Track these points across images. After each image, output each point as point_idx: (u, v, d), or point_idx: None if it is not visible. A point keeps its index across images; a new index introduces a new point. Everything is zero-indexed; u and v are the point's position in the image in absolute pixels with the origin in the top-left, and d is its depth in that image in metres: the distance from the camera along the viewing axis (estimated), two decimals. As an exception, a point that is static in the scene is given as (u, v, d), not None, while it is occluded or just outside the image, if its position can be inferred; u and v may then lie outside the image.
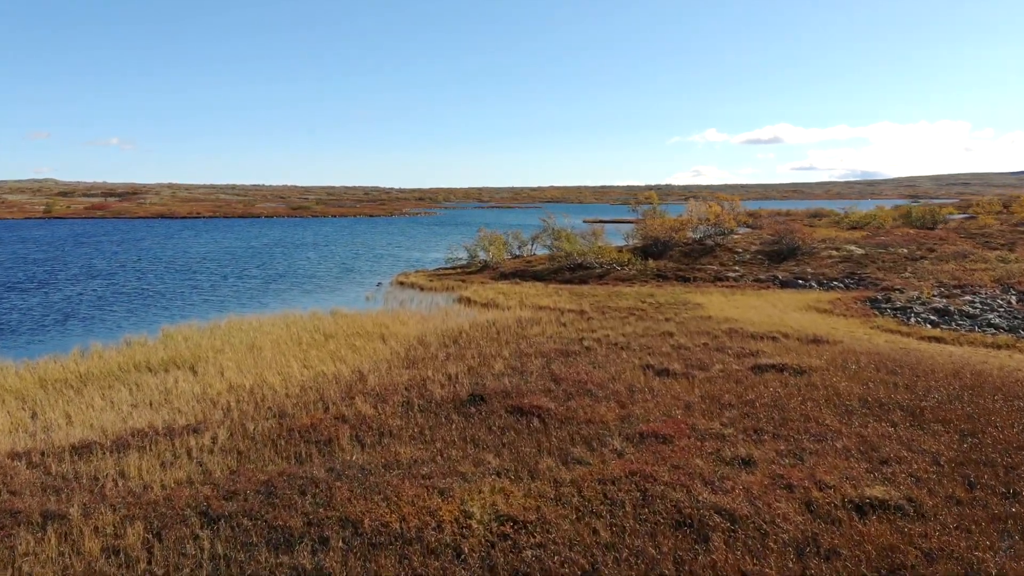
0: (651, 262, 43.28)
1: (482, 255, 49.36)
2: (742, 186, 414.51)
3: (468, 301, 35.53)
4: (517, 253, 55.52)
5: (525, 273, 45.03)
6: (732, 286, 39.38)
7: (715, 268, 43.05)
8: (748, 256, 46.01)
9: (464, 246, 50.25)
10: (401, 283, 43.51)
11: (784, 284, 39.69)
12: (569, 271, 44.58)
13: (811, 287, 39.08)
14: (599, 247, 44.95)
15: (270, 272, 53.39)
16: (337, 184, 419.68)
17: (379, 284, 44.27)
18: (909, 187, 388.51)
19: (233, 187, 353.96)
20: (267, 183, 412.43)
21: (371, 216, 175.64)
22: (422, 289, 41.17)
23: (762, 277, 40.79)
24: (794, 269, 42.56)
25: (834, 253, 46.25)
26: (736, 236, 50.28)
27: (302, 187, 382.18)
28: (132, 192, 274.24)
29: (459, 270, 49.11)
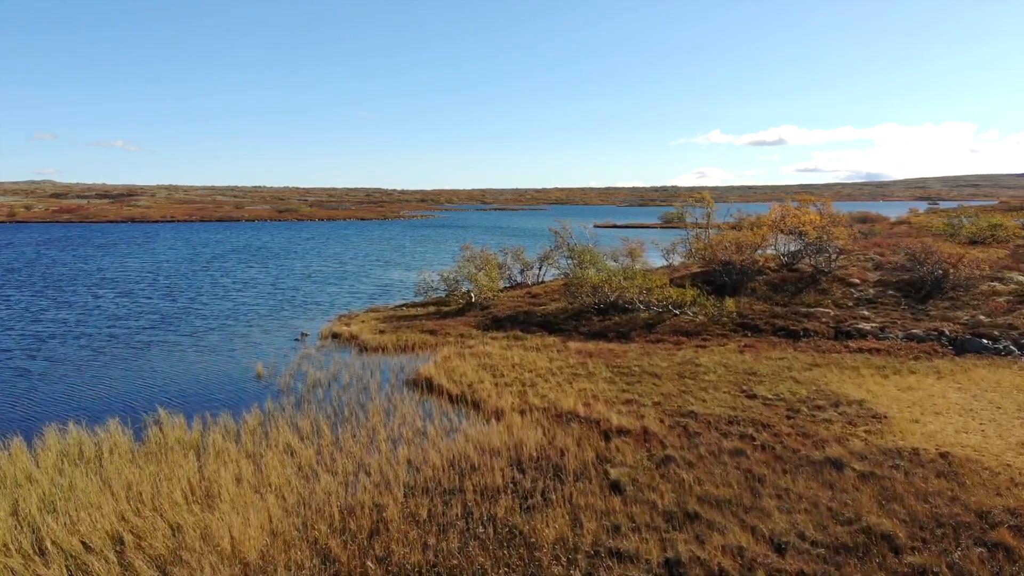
0: (728, 302, 27.51)
1: (466, 286, 33.59)
2: (748, 187, 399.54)
3: (428, 386, 19.90)
4: (518, 279, 39.81)
5: (530, 317, 29.33)
6: (876, 349, 23.57)
7: (832, 312, 27.28)
8: (871, 291, 30.19)
9: (441, 275, 34.35)
10: (336, 335, 27.85)
11: (961, 347, 23.89)
12: (598, 314, 28.90)
13: (1011, 352, 23.28)
14: (645, 276, 29.14)
15: (171, 309, 37.89)
16: (339, 186, 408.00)
17: (303, 336, 28.61)
18: (919, 188, 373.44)
19: (232, 188, 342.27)
20: (268, 185, 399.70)
21: (363, 219, 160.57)
22: (364, 349, 25.48)
23: (918, 333, 24.97)
24: (957, 316, 26.79)
25: (999, 287, 30.45)
26: (840, 259, 34.09)
27: (303, 188, 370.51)
28: (128, 193, 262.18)
29: (433, 308, 33.44)
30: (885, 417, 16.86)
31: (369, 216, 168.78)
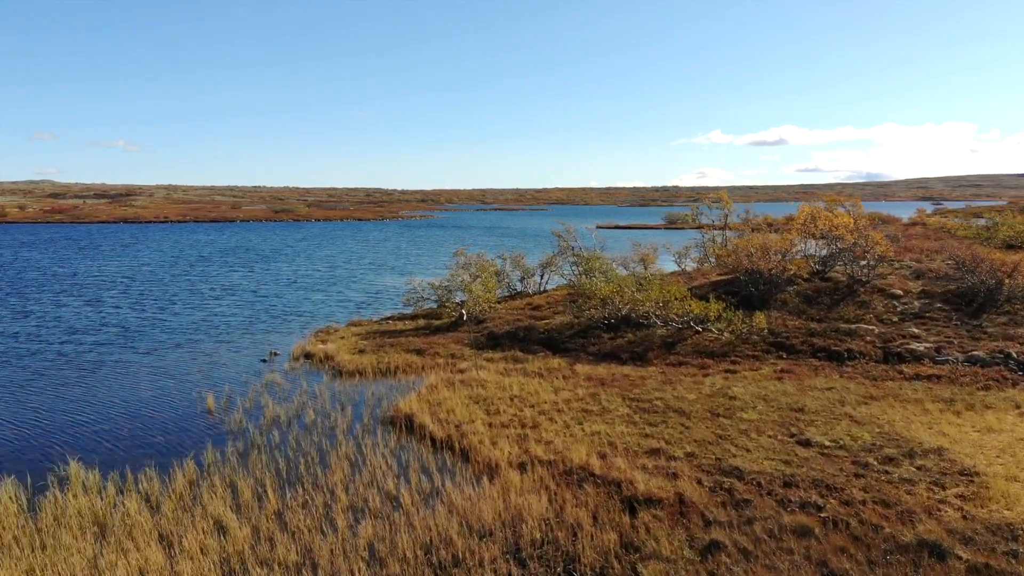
0: (758, 316, 24.08)
1: (460, 296, 30.17)
2: (750, 187, 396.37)
3: (408, 425, 16.51)
4: (518, 287, 36.40)
5: (531, 333, 25.93)
6: (936, 376, 20.15)
7: (876, 329, 23.84)
8: (916, 303, 26.75)
9: (432, 285, 30.88)
10: (309, 355, 24.45)
11: (1035, 371, 20.47)
12: (608, 330, 25.51)
13: (1095, 379, 19.83)
14: (663, 289, 25.66)
15: (136, 320, 34.58)
16: (339, 186, 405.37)
17: (272, 356, 25.23)
18: (921, 188, 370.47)
19: (232, 188, 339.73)
20: (268, 184, 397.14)
21: (361, 220, 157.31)
22: (339, 374, 22.09)
23: (981, 355, 21.55)
24: (1019, 334, 23.39)
25: (1059, 297, 26.97)
26: (879, 267, 30.42)
27: (303, 188, 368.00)
28: (126, 193, 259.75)
29: (422, 321, 30.06)
30: (976, 474, 13.46)
31: (366, 216, 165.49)
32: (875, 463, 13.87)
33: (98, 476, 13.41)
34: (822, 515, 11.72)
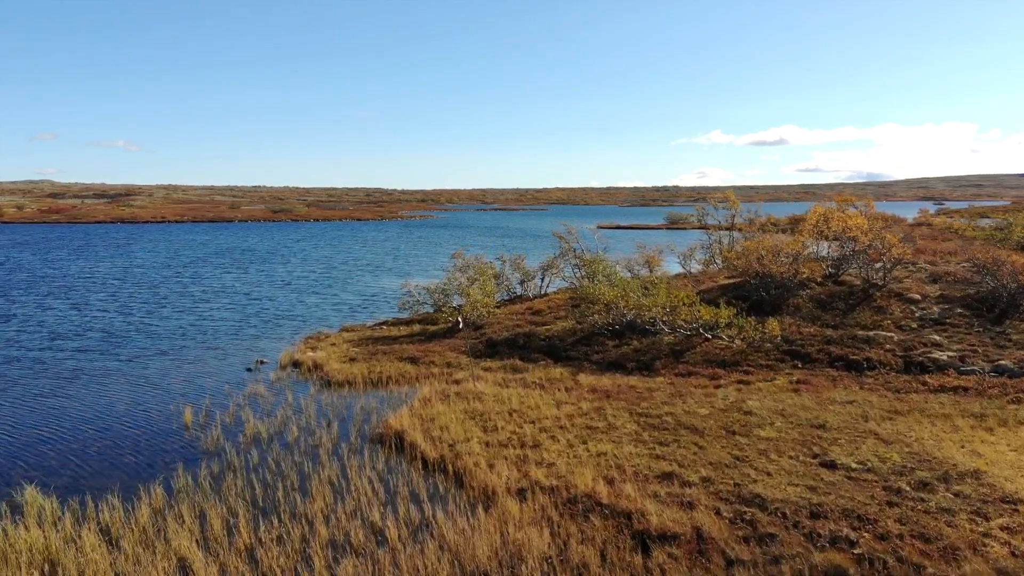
0: (771, 323, 22.84)
1: (457, 300, 28.93)
2: (750, 187, 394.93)
3: (399, 444, 15.28)
4: (518, 291, 35.14)
5: (531, 340, 24.70)
6: (963, 388, 18.92)
7: (895, 336, 22.61)
8: (935, 309, 25.51)
9: (428, 288, 29.65)
10: (297, 364, 23.22)
11: (1067, 382, 19.23)
12: (612, 336, 24.29)
13: None
14: (670, 293, 24.39)
15: (122, 324, 33.40)
16: (339, 186, 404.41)
17: (258, 365, 23.99)
18: (921, 188, 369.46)
19: (231, 188, 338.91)
20: (268, 184, 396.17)
21: (360, 220, 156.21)
22: (327, 384, 20.87)
23: (1008, 365, 20.33)
24: (1048, 340, 22.11)
25: (1084, 302, 25.73)
26: (895, 271, 29.10)
27: (303, 188, 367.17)
28: (125, 193, 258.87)
29: (418, 326, 28.82)
30: (1019, 501, 12.22)
31: (366, 216, 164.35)
32: (908, 489, 12.65)
33: (56, 504, 12.21)
34: (856, 552, 10.51)
